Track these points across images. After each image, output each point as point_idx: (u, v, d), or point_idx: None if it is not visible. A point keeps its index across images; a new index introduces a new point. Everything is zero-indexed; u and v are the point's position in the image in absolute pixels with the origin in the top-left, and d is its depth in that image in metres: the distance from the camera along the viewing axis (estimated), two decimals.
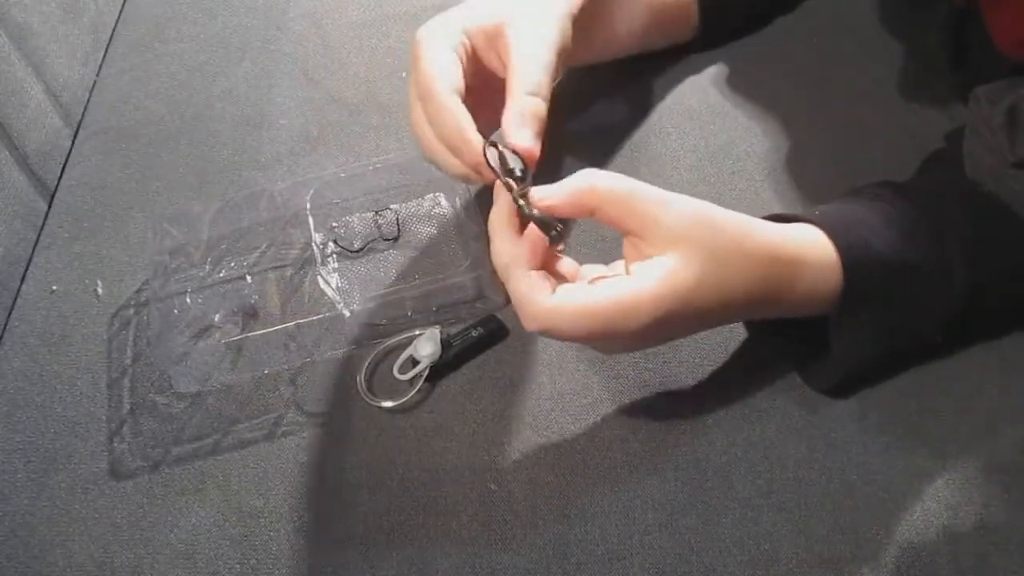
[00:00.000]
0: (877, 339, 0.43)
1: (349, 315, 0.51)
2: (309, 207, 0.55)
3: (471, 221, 0.54)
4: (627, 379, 0.48)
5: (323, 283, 0.52)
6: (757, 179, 0.56)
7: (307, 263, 0.55)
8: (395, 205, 0.57)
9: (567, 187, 0.39)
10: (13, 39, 0.63)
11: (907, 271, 0.42)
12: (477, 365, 0.50)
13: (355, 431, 0.48)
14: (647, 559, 0.42)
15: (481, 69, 0.48)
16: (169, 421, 0.50)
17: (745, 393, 0.47)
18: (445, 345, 0.49)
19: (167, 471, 0.48)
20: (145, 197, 0.62)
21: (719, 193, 0.56)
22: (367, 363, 0.50)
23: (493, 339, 0.50)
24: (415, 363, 0.48)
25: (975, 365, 0.46)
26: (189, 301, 0.53)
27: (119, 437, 0.49)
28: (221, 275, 0.55)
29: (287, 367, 0.51)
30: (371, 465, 0.47)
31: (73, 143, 0.67)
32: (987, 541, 0.40)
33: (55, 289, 0.57)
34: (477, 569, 0.42)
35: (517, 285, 0.39)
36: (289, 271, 0.55)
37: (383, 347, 0.50)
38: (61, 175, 0.65)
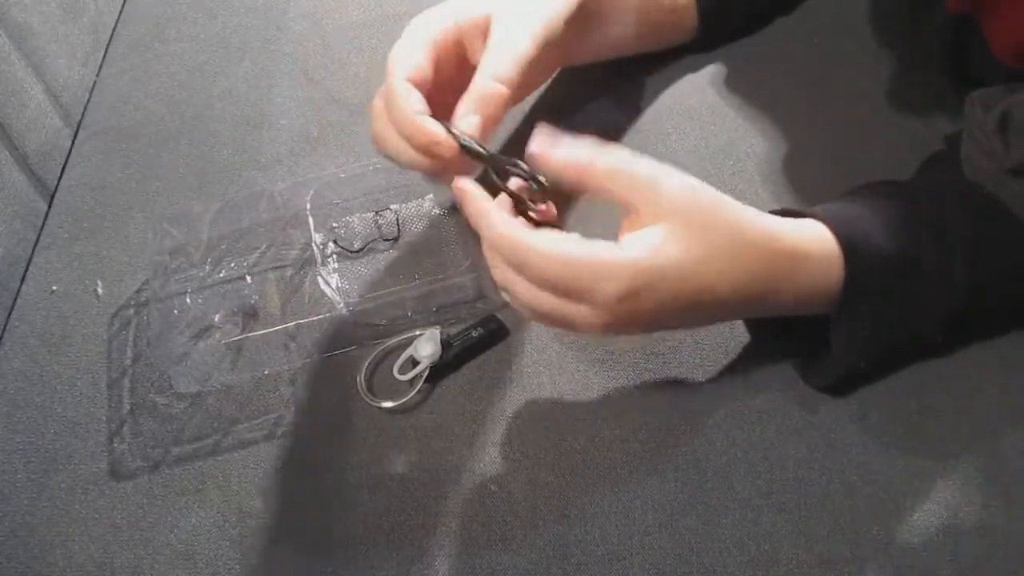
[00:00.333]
0: (877, 336, 0.43)
1: (349, 315, 0.51)
2: (309, 207, 0.55)
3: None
4: (627, 379, 0.48)
5: (323, 283, 0.52)
6: (757, 179, 0.56)
7: (307, 263, 0.55)
8: (395, 205, 0.57)
9: (567, 153, 0.39)
10: (13, 39, 0.63)
11: (909, 267, 0.42)
12: (477, 365, 0.50)
13: (355, 431, 0.48)
14: (647, 559, 0.42)
15: (467, 65, 0.48)
16: (169, 421, 0.50)
17: (745, 393, 0.47)
18: (445, 345, 0.49)
19: (167, 471, 0.48)
20: (145, 197, 0.62)
21: None
22: (367, 363, 0.50)
23: (493, 339, 0.50)
24: (415, 363, 0.48)
25: (975, 365, 0.46)
26: (189, 301, 0.53)
27: (119, 437, 0.49)
28: (221, 275, 0.55)
29: (287, 367, 0.51)
30: (371, 465, 0.47)
31: (73, 143, 0.67)
32: (987, 541, 0.40)
33: (55, 289, 0.57)
34: (477, 569, 0.42)
35: (490, 219, 0.39)
36: (289, 271, 0.55)
37: (383, 347, 0.50)
38: (61, 175, 0.65)
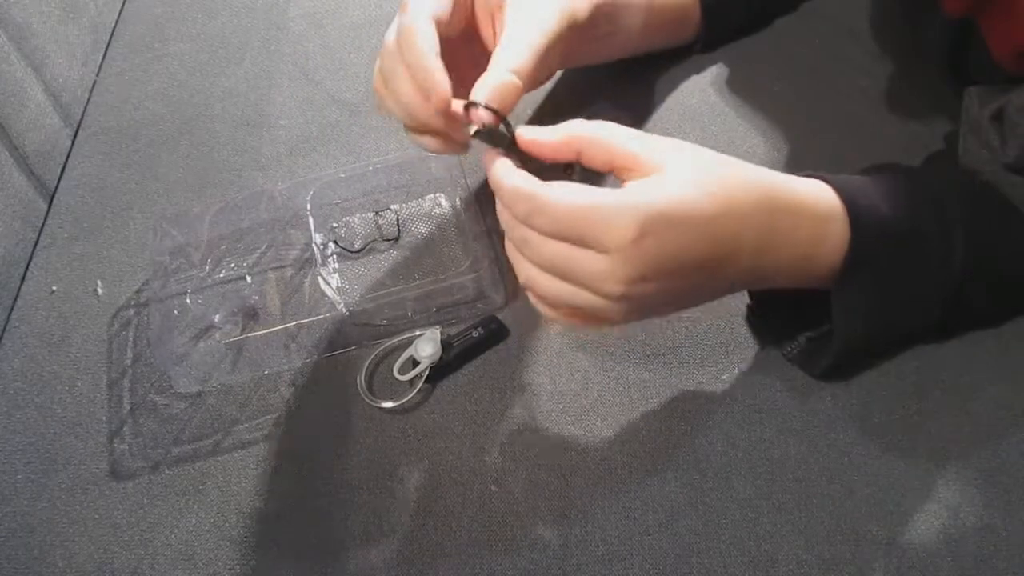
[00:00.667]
0: (878, 305, 0.42)
1: (349, 315, 0.51)
2: (309, 207, 0.55)
3: (471, 221, 0.54)
4: (627, 379, 0.48)
5: (323, 283, 0.52)
6: None
7: (307, 263, 0.55)
8: (395, 205, 0.57)
9: (555, 130, 0.40)
10: (13, 39, 0.63)
11: (910, 237, 0.42)
12: (477, 366, 0.50)
13: (355, 431, 0.48)
14: (647, 560, 0.42)
15: (471, 44, 0.48)
16: (169, 421, 0.50)
17: (745, 393, 0.47)
18: (445, 346, 0.49)
19: (167, 471, 0.48)
20: (145, 197, 0.62)
21: None
22: (367, 363, 0.50)
23: (493, 340, 0.50)
24: (415, 364, 0.48)
25: (975, 365, 0.46)
26: (189, 301, 0.53)
27: (119, 437, 0.49)
28: (221, 275, 0.55)
29: (287, 367, 0.51)
30: (371, 465, 0.47)
31: (73, 143, 0.67)
32: (987, 541, 0.40)
33: (55, 289, 0.57)
34: (477, 570, 0.42)
35: (503, 172, 0.39)
36: (289, 271, 0.55)
37: (383, 347, 0.50)
38: (61, 175, 0.65)
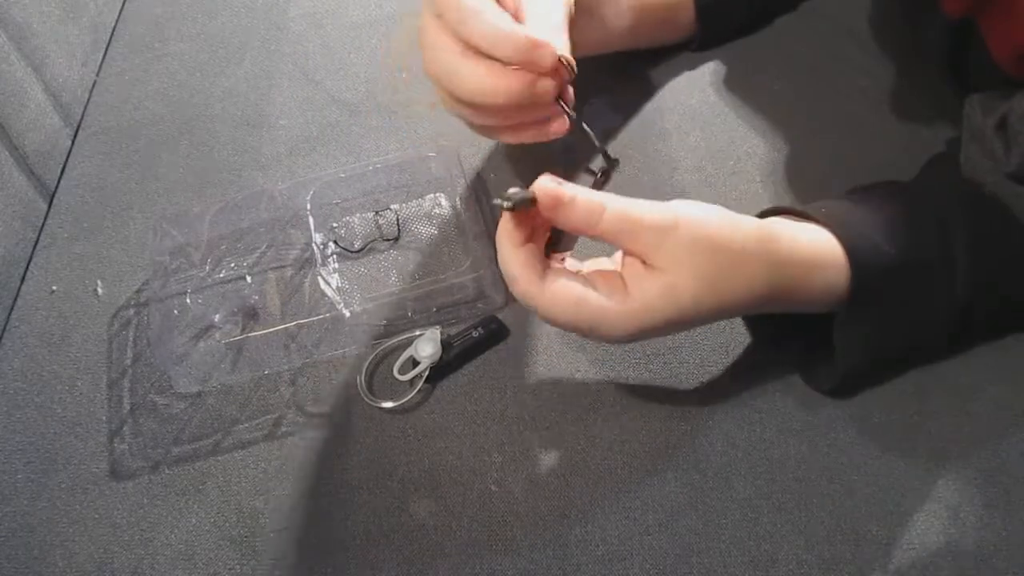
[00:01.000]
0: (880, 341, 0.43)
1: (349, 315, 0.51)
2: (309, 207, 0.55)
3: (471, 221, 0.54)
4: (627, 380, 0.48)
5: (323, 283, 0.52)
6: (757, 179, 0.56)
7: (307, 263, 0.55)
8: (395, 205, 0.57)
9: (579, 197, 0.38)
10: (13, 39, 0.63)
11: (912, 274, 0.42)
12: (477, 366, 0.50)
13: (355, 431, 0.48)
14: (647, 559, 0.42)
15: None
16: (169, 421, 0.50)
17: (745, 393, 0.47)
18: (445, 346, 0.49)
19: (167, 471, 0.48)
20: (145, 197, 0.62)
21: (719, 194, 0.56)
22: (367, 363, 0.50)
23: (493, 340, 0.50)
24: (415, 364, 0.48)
25: (975, 365, 0.46)
26: (189, 301, 0.53)
27: (119, 437, 0.49)
28: (221, 275, 0.55)
29: (287, 367, 0.51)
30: (371, 465, 0.47)
31: (73, 143, 0.67)
32: (987, 541, 0.40)
33: (55, 289, 0.57)
34: (477, 570, 0.42)
35: (510, 260, 0.39)
36: (289, 271, 0.55)
37: (383, 348, 0.50)
38: (61, 175, 0.65)
